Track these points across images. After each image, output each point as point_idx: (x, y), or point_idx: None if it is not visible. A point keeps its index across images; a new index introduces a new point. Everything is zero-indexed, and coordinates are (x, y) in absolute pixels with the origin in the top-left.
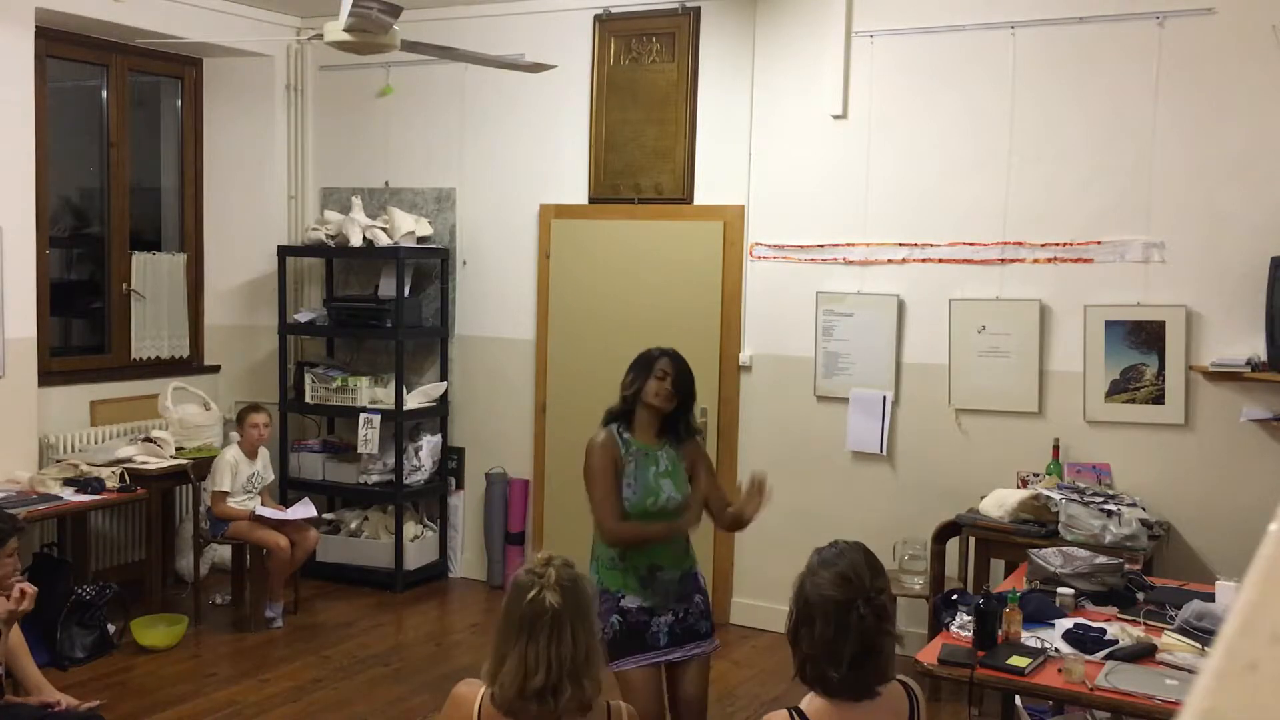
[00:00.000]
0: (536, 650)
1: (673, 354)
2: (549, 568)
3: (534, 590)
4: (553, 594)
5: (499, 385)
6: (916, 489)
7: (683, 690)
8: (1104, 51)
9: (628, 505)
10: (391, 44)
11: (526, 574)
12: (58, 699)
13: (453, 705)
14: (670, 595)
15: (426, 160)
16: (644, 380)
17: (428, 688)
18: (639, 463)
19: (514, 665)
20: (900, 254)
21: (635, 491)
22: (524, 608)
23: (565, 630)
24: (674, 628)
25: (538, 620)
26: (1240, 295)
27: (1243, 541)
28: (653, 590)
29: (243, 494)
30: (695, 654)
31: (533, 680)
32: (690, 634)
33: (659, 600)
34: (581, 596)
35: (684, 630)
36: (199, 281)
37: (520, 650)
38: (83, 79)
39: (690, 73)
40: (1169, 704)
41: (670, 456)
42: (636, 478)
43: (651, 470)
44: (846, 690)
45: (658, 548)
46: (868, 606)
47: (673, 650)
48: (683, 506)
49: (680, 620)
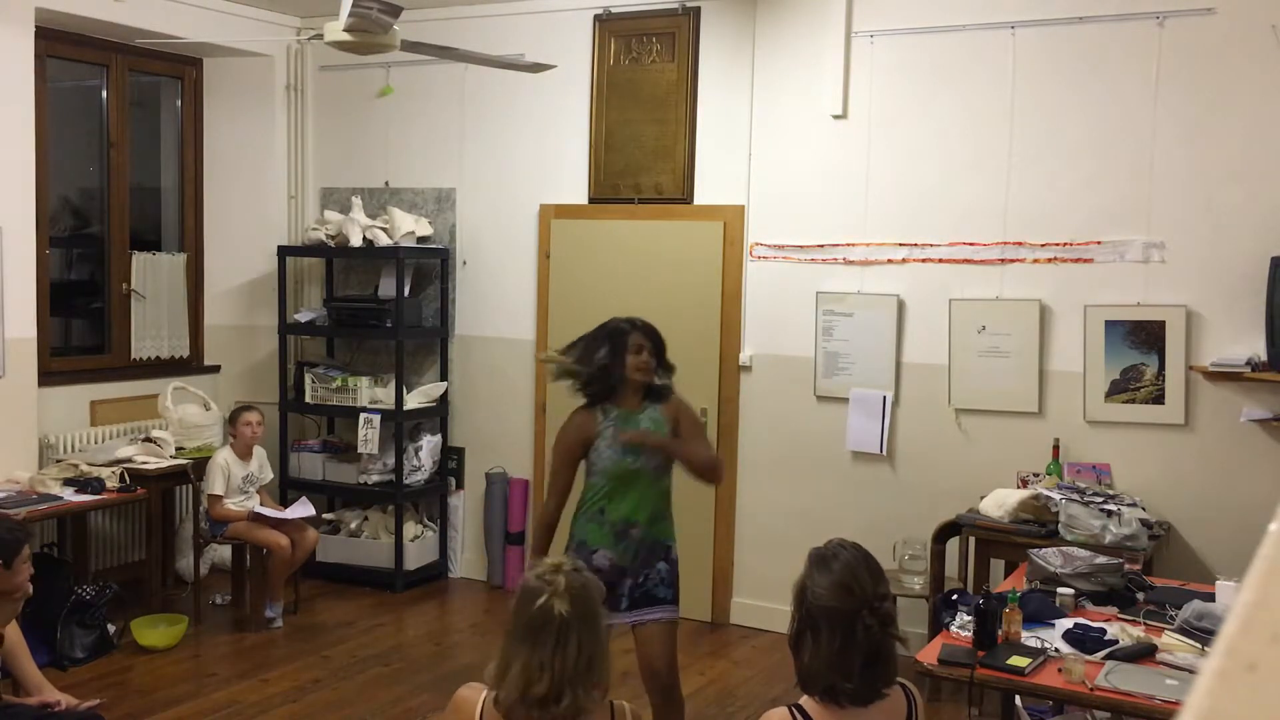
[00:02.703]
0: (540, 658)
1: (641, 325)
2: (559, 574)
3: (543, 597)
4: (561, 602)
5: (499, 385)
6: (916, 489)
7: (648, 658)
8: (1104, 51)
9: (607, 464)
10: (391, 44)
11: (536, 579)
12: (58, 699)
13: (454, 709)
14: (638, 557)
15: (426, 160)
16: (622, 357)
17: (428, 688)
18: (619, 426)
19: (518, 672)
20: (900, 254)
21: (615, 451)
22: (532, 614)
23: (571, 639)
24: (633, 591)
25: (544, 628)
26: (1240, 295)
27: (1243, 541)
28: (624, 546)
29: (239, 495)
30: (651, 618)
31: (535, 688)
32: (648, 598)
33: (629, 559)
34: (590, 603)
35: (643, 594)
36: (199, 281)
37: (524, 657)
38: (83, 79)
39: (690, 73)
40: (1169, 704)
41: (651, 416)
42: (614, 439)
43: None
44: (857, 699)
45: (637, 505)
46: (873, 616)
47: (631, 614)
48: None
49: (639, 585)
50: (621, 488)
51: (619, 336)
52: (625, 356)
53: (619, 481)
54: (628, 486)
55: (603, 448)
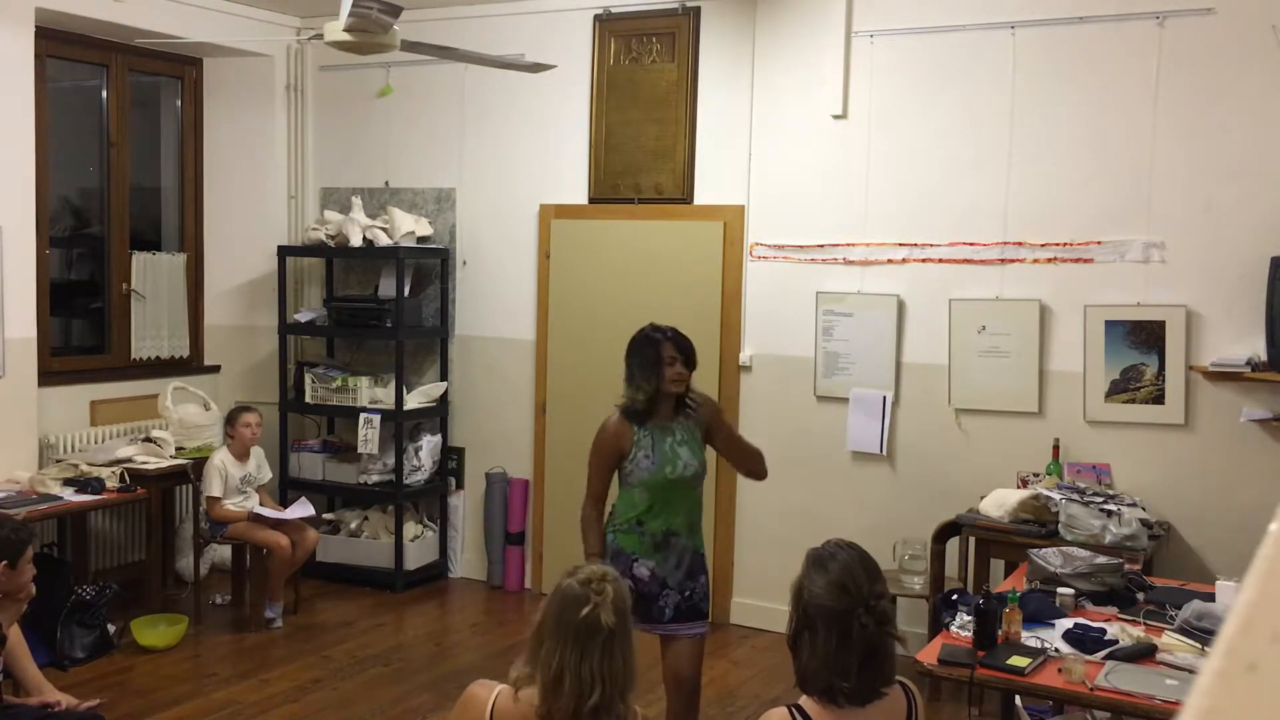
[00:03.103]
0: (591, 668)
1: (672, 334)
2: (605, 584)
3: (589, 607)
4: (608, 613)
5: (499, 385)
6: (916, 489)
7: (679, 667)
8: (1104, 51)
9: (646, 475)
10: (391, 44)
11: (581, 587)
12: (58, 699)
13: (465, 705)
14: (681, 568)
15: (426, 160)
16: (659, 371)
17: (428, 688)
18: (655, 439)
19: (571, 682)
20: (900, 254)
21: (654, 461)
22: (579, 623)
23: (616, 650)
24: (680, 605)
25: (593, 638)
26: (1240, 295)
27: (1243, 541)
28: (664, 555)
29: (237, 495)
30: (691, 633)
31: (589, 698)
32: (694, 612)
33: (669, 569)
34: (627, 617)
35: (689, 608)
36: (199, 281)
37: (575, 667)
38: (83, 79)
39: (690, 73)
40: (1169, 704)
41: (685, 427)
42: (654, 449)
43: (669, 440)
44: (855, 698)
45: (675, 515)
46: (869, 615)
47: (673, 626)
48: (699, 474)
49: (687, 599)
50: (662, 498)
51: (652, 347)
52: (661, 369)
53: (659, 491)
54: (668, 496)
55: (640, 458)
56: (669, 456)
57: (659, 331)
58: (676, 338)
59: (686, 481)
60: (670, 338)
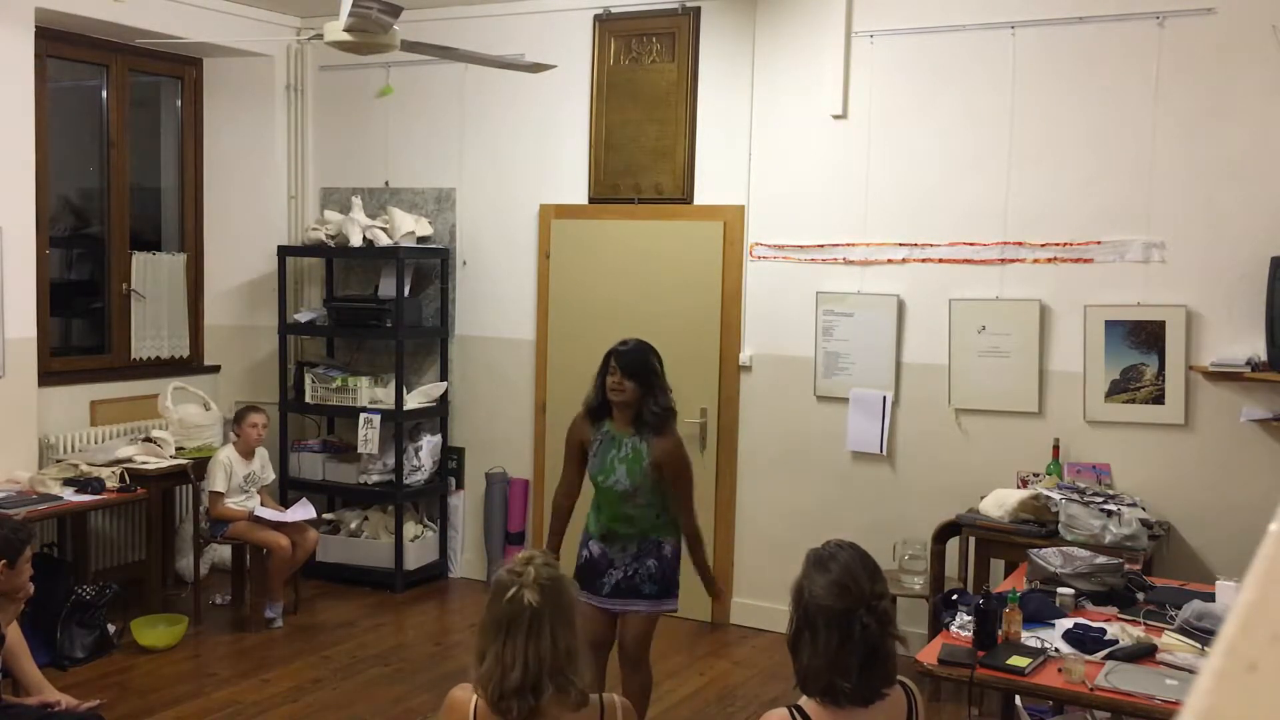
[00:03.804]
0: (514, 648)
1: (620, 348)
2: (529, 566)
3: (513, 589)
4: (531, 593)
5: (499, 385)
6: (916, 489)
7: (621, 638)
8: (1104, 51)
9: (592, 473)
10: (391, 44)
11: (507, 573)
12: (58, 699)
13: (448, 709)
14: (626, 551)
15: (426, 160)
16: (602, 379)
17: (428, 688)
18: (604, 444)
19: (490, 663)
20: (900, 254)
21: (595, 466)
22: (503, 606)
23: (544, 629)
24: (621, 583)
25: (516, 619)
26: (1240, 295)
27: (1243, 541)
28: (608, 545)
29: (240, 494)
30: (631, 609)
31: (509, 678)
32: (632, 591)
33: (616, 552)
34: (562, 595)
35: (628, 587)
36: (199, 281)
37: (497, 649)
38: (83, 79)
39: (690, 73)
40: (1169, 704)
41: (634, 445)
42: (599, 454)
43: (612, 453)
44: (856, 699)
45: (613, 519)
46: (870, 615)
47: (612, 601)
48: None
49: (629, 579)
50: (602, 498)
51: (605, 358)
52: (605, 377)
53: (599, 492)
54: (605, 499)
55: (592, 457)
56: (606, 467)
57: (620, 344)
58: (624, 351)
59: (615, 494)
60: (619, 350)
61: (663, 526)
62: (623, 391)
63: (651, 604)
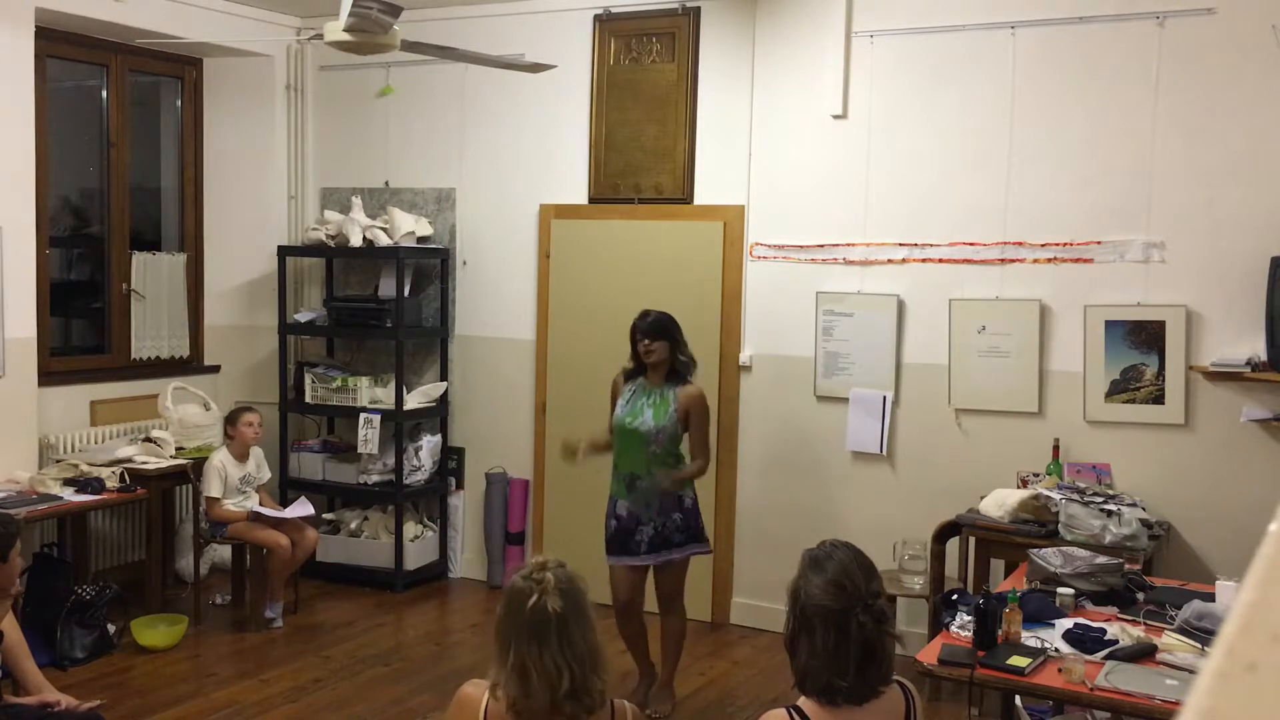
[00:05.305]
0: (553, 655)
1: (640, 320)
2: (545, 572)
3: (534, 598)
4: (554, 599)
5: (499, 385)
6: (916, 489)
7: (659, 585)
8: (1104, 51)
9: (615, 420)
10: (391, 44)
11: (524, 580)
12: (58, 699)
13: (459, 705)
14: (651, 506)
15: (426, 160)
16: (634, 350)
17: (428, 688)
18: (637, 393)
19: (538, 676)
20: (900, 254)
21: (623, 408)
22: (528, 615)
23: (573, 632)
24: (654, 539)
25: (544, 626)
26: (1240, 295)
27: (1243, 541)
28: (634, 496)
29: (237, 495)
30: (667, 559)
31: (561, 686)
32: (665, 543)
33: (642, 507)
34: (579, 596)
35: (661, 541)
36: (199, 281)
37: (536, 659)
38: (83, 79)
39: (690, 73)
40: (1169, 704)
41: (663, 393)
42: (630, 400)
43: (644, 399)
44: (853, 697)
45: (635, 461)
46: (866, 613)
47: (649, 557)
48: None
49: (660, 533)
50: (622, 443)
51: (631, 333)
52: (636, 347)
53: (620, 437)
54: (626, 444)
55: (620, 405)
56: (635, 410)
57: (640, 318)
58: (647, 320)
59: (640, 435)
60: (642, 322)
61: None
62: (654, 352)
63: (683, 550)
